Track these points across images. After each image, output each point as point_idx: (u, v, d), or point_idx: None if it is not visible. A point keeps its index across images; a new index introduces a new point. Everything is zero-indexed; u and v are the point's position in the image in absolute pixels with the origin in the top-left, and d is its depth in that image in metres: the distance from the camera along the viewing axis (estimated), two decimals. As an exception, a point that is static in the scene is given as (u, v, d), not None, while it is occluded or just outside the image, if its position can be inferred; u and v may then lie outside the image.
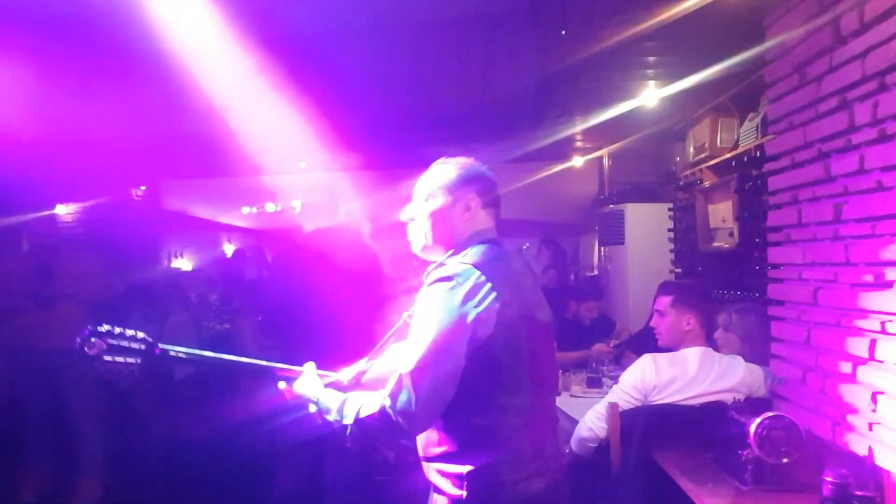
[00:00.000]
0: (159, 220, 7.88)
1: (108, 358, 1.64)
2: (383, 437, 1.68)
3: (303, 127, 4.37)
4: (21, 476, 4.14)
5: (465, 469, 1.60)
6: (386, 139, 5.33)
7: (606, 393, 3.09)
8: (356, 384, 1.88)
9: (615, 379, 3.17)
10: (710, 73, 3.34)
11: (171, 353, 1.74)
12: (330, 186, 3.76)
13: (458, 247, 1.75)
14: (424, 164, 1.86)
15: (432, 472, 1.69)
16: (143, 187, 7.36)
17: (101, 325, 1.66)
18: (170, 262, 9.06)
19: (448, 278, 1.61)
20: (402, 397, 1.54)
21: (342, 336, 2.44)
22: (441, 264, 1.71)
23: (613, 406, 2.84)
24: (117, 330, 1.66)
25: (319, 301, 3.15)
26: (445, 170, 1.83)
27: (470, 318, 1.56)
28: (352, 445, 1.65)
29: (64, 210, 6.78)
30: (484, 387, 1.60)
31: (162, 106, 4.16)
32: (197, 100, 3.68)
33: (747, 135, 3.79)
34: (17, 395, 4.23)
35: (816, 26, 2.28)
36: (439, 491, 1.67)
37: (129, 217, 6.99)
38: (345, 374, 1.92)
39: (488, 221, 1.81)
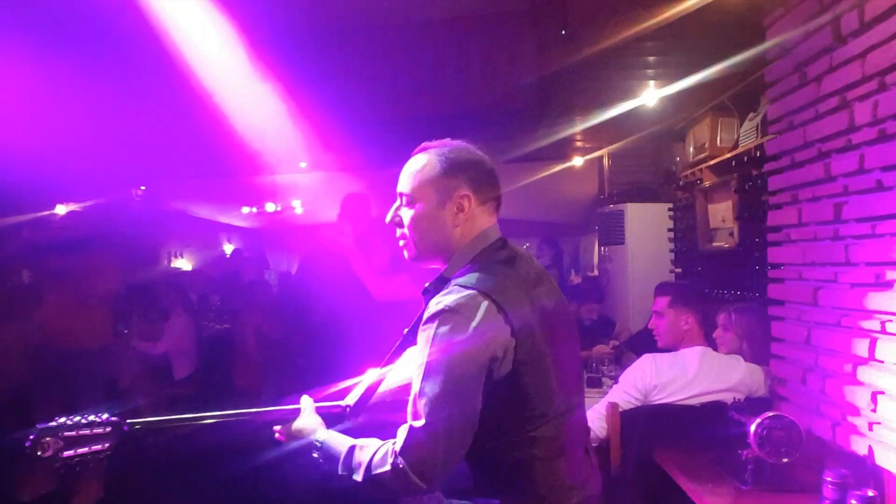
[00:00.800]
0: (159, 220, 7.88)
1: (68, 454, 1.42)
2: (397, 494, 1.44)
3: (303, 127, 4.38)
4: (21, 475, 4.14)
5: None
6: (385, 139, 5.33)
7: (606, 393, 3.09)
8: (363, 407, 1.67)
9: (615, 379, 3.17)
10: (710, 73, 3.34)
11: (143, 427, 1.52)
12: (365, 193, 3.65)
13: (457, 256, 1.52)
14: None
15: None
16: (143, 187, 7.36)
17: (50, 421, 1.44)
18: (170, 262, 9.07)
19: (451, 312, 1.37)
20: (416, 454, 1.35)
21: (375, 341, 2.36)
22: (442, 281, 1.50)
23: (613, 406, 2.84)
24: (73, 420, 1.45)
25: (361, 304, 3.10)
26: (427, 162, 1.54)
27: (482, 360, 1.36)
28: (365, 498, 1.48)
29: (64, 210, 6.78)
30: (508, 423, 1.43)
31: (162, 106, 4.16)
32: (197, 100, 3.68)
33: (747, 135, 3.79)
34: (25, 393, 4.23)
35: (816, 26, 2.29)
36: None
37: (129, 217, 6.98)
38: (349, 396, 1.69)
39: (488, 219, 1.56)
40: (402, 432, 1.39)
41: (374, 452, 1.42)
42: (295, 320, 4.31)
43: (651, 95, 4.05)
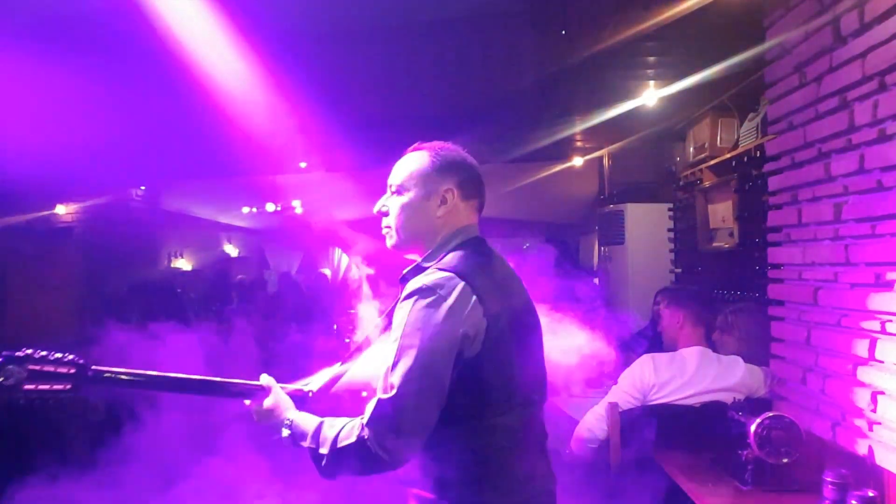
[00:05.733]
0: (159, 220, 7.88)
1: (29, 386, 1.41)
2: (362, 470, 1.43)
3: (303, 127, 4.37)
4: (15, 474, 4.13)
5: (448, 499, 1.45)
6: (385, 139, 5.32)
7: (606, 393, 3.10)
8: (325, 394, 1.69)
9: (615, 379, 3.18)
10: (710, 73, 3.34)
11: (108, 375, 1.50)
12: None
13: (436, 246, 1.59)
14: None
15: (410, 497, 1.52)
16: (143, 187, 7.37)
17: (19, 350, 1.43)
18: (170, 262, 9.07)
19: (429, 290, 1.43)
20: (382, 426, 1.38)
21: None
22: (419, 268, 1.55)
23: (613, 406, 2.84)
24: (40, 353, 1.43)
25: None
26: (419, 158, 1.63)
27: (455, 336, 1.40)
28: (326, 476, 1.47)
29: (64, 210, 6.79)
30: (470, 408, 1.44)
31: (162, 106, 4.16)
32: (197, 99, 3.68)
33: (747, 135, 3.79)
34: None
35: (816, 26, 2.28)
36: None
37: (129, 217, 6.99)
38: (313, 382, 1.72)
39: (469, 216, 1.64)
40: (370, 405, 1.42)
41: (343, 427, 1.45)
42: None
43: (651, 95, 4.05)
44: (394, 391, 1.38)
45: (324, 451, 1.45)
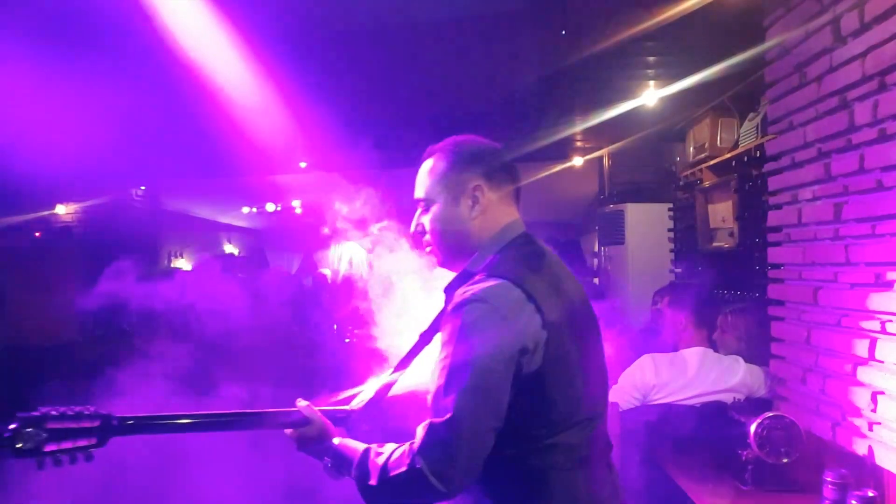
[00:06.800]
0: (159, 220, 7.89)
1: (52, 447, 1.28)
2: (415, 499, 1.32)
3: (303, 127, 4.37)
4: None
5: None
6: (385, 139, 5.33)
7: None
8: (371, 413, 1.57)
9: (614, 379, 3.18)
10: (710, 73, 3.35)
11: (135, 423, 1.39)
12: None
13: (481, 249, 1.45)
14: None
15: None
16: (143, 187, 7.37)
17: (33, 410, 1.30)
18: (170, 262, 9.08)
19: (480, 301, 1.29)
20: (436, 453, 1.26)
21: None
22: (466, 275, 1.41)
23: (613, 406, 2.84)
24: (59, 410, 1.31)
25: None
26: (435, 162, 1.51)
27: (513, 351, 1.27)
28: None
29: (64, 210, 6.79)
30: (528, 428, 1.32)
31: (162, 106, 4.16)
32: (197, 99, 3.68)
33: (747, 135, 3.79)
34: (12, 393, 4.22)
35: (816, 26, 2.29)
36: None
37: (129, 217, 6.99)
38: (356, 402, 1.59)
39: (509, 210, 1.50)
40: (420, 430, 1.30)
41: (391, 454, 1.34)
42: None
43: (651, 95, 4.05)
44: (448, 415, 1.25)
45: (372, 481, 1.34)
